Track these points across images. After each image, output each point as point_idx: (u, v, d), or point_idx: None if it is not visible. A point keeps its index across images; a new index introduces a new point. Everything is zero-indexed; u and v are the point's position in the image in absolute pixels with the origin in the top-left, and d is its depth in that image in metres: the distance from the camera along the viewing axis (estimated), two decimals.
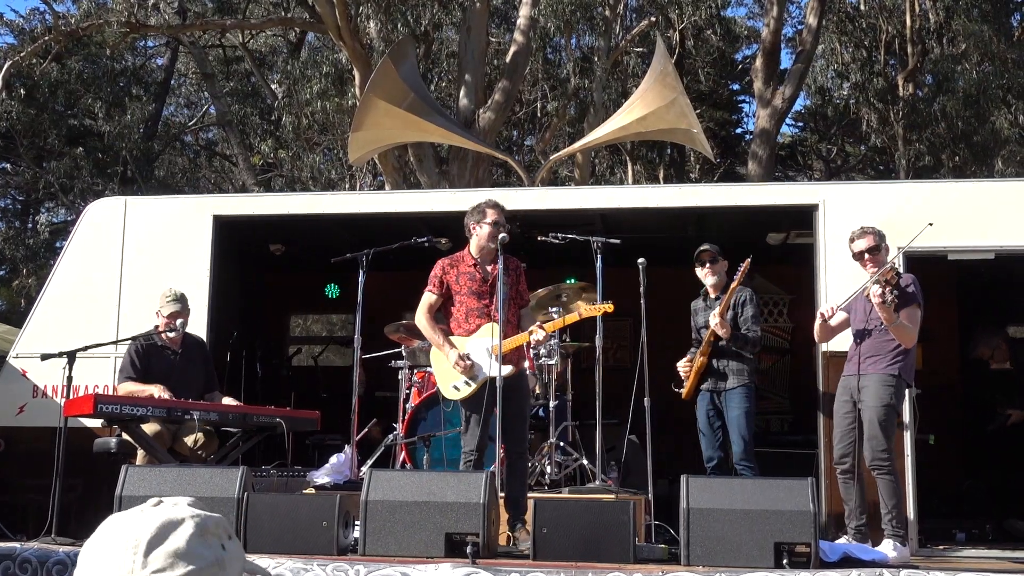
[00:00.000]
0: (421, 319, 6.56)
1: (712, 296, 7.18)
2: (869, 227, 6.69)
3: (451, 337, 6.50)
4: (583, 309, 6.76)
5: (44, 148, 23.41)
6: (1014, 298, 9.68)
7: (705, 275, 7.19)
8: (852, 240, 6.71)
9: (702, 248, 7.20)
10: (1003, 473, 8.54)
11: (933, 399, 8.06)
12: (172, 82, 27.02)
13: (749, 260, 6.84)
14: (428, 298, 6.57)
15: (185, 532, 1.46)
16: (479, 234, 6.51)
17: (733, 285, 6.91)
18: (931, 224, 6.60)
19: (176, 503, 1.51)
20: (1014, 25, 21.97)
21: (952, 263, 7.96)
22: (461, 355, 6.37)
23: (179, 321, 7.30)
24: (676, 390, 7.14)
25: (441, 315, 6.64)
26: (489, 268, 6.50)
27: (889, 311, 6.13)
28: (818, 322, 6.72)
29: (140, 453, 6.85)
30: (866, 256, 6.57)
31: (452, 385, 6.49)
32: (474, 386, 6.37)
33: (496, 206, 6.56)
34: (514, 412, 6.45)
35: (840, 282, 7.33)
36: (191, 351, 7.50)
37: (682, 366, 7.16)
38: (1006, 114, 20.34)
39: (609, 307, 6.72)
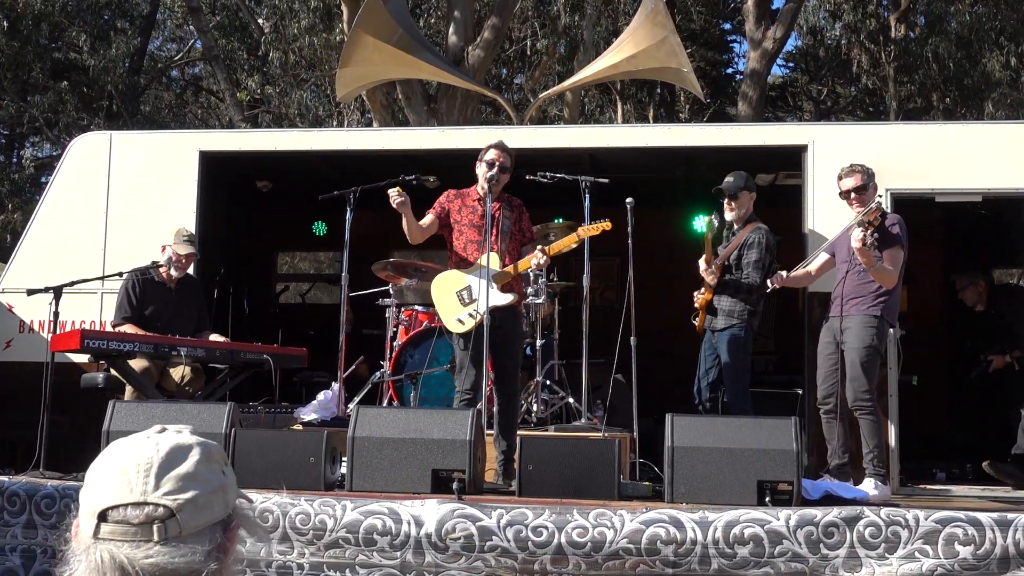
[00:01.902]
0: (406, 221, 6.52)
1: (736, 228, 7.12)
2: (858, 166, 6.66)
3: (452, 271, 6.62)
4: (581, 230, 6.75)
5: (28, 82, 23.14)
6: (1000, 241, 9.71)
7: (726, 212, 7.12)
8: (840, 178, 6.69)
9: (717, 187, 7.09)
10: (984, 415, 8.62)
11: (918, 341, 8.11)
12: (158, 16, 26.64)
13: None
14: (425, 217, 6.65)
15: (193, 457, 1.51)
16: (479, 171, 6.60)
17: (737, 238, 6.94)
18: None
19: (180, 430, 1.56)
20: None
21: (939, 205, 7.97)
22: (399, 190, 6.36)
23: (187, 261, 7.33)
24: (692, 321, 7.19)
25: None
26: (492, 205, 6.55)
27: (869, 255, 6.14)
28: (777, 285, 6.75)
29: (128, 389, 6.86)
30: (852, 195, 6.56)
31: (456, 319, 6.55)
32: (478, 318, 6.40)
33: (498, 146, 6.65)
34: (507, 353, 6.53)
35: (828, 223, 7.33)
36: (186, 289, 7.50)
37: (697, 295, 7.16)
38: (998, 56, 20.25)
39: (607, 224, 6.69)
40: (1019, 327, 7.95)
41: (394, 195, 6.35)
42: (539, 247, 6.61)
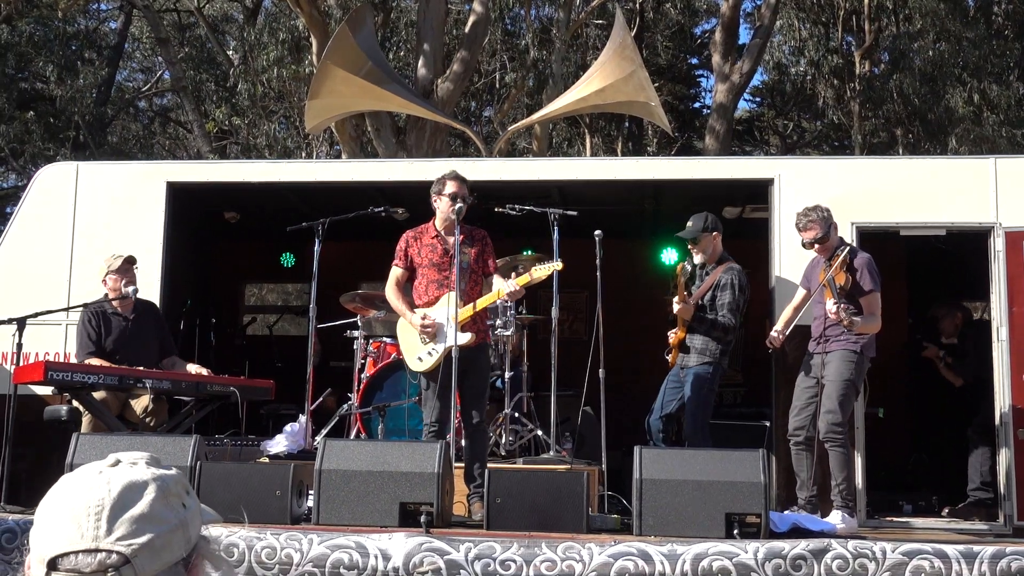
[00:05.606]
0: (389, 293, 6.65)
1: (709, 268, 7.27)
2: (813, 214, 6.72)
3: (415, 308, 6.56)
4: (535, 271, 6.69)
5: None
6: (964, 274, 9.80)
7: (694, 256, 7.33)
8: (798, 229, 6.81)
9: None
10: (948, 447, 8.68)
11: (882, 374, 8.16)
12: (126, 47, 26.57)
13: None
14: (395, 272, 6.64)
15: (148, 496, 1.41)
16: (439, 206, 6.55)
17: (710, 279, 7.09)
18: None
19: (135, 462, 1.46)
20: (970, 4, 22.12)
21: (903, 239, 8.06)
22: (424, 316, 6.41)
23: (131, 288, 7.19)
24: (666, 357, 7.28)
25: (410, 287, 6.67)
26: (451, 239, 6.52)
27: (849, 321, 6.29)
28: (778, 344, 6.83)
29: (85, 421, 6.76)
30: (816, 247, 6.71)
31: (417, 357, 6.54)
32: (437, 356, 6.37)
33: (456, 177, 6.58)
34: (471, 384, 6.47)
35: (795, 255, 7.38)
36: (143, 317, 7.39)
37: (671, 333, 7.26)
38: (960, 92, 20.51)
39: (559, 265, 6.69)
40: (980, 358, 8.03)
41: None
42: (507, 281, 6.53)
